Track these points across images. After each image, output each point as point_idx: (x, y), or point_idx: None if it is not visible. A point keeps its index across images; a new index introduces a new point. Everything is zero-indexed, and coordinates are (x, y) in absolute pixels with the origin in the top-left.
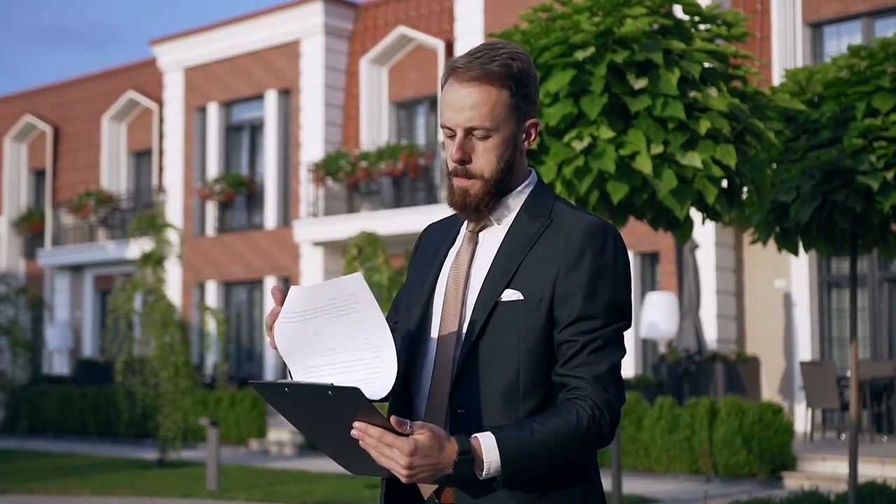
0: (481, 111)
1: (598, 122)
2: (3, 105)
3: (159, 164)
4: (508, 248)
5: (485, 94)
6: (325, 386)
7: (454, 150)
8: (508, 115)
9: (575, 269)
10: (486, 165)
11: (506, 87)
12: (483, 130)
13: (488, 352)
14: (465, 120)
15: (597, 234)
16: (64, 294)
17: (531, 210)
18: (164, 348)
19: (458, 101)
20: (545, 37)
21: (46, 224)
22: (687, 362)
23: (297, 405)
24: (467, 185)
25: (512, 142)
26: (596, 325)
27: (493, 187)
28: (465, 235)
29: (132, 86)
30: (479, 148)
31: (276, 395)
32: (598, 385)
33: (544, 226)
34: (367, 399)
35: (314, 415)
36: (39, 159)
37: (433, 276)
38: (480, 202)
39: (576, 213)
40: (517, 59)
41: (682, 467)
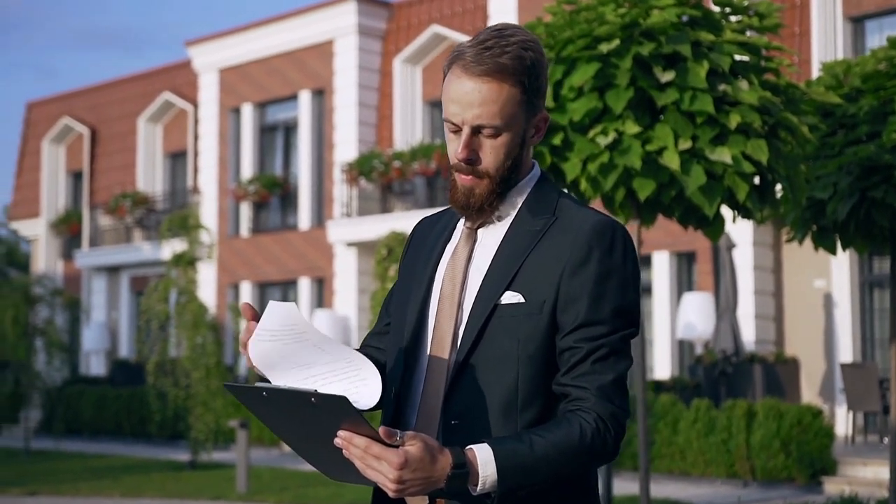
0: (491, 109)
1: (623, 117)
2: (42, 108)
3: (194, 166)
4: (509, 247)
5: (495, 91)
6: (307, 392)
7: (461, 149)
8: (518, 112)
9: (580, 270)
10: (493, 164)
11: (518, 84)
12: (492, 129)
13: (486, 358)
14: (474, 117)
15: (605, 234)
16: (101, 295)
17: (534, 206)
18: (195, 349)
19: (465, 96)
20: (569, 29)
21: (84, 226)
22: (724, 364)
23: (276, 411)
24: (473, 184)
25: (521, 138)
26: (602, 332)
27: (499, 186)
28: (463, 232)
29: (168, 87)
30: (487, 146)
31: (253, 399)
32: (602, 397)
33: (548, 224)
34: (353, 407)
35: (294, 421)
36: (77, 161)
37: (428, 275)
38: (485, 202)
39: (582, 211)
40: (529, 48)
41: (719, 471)
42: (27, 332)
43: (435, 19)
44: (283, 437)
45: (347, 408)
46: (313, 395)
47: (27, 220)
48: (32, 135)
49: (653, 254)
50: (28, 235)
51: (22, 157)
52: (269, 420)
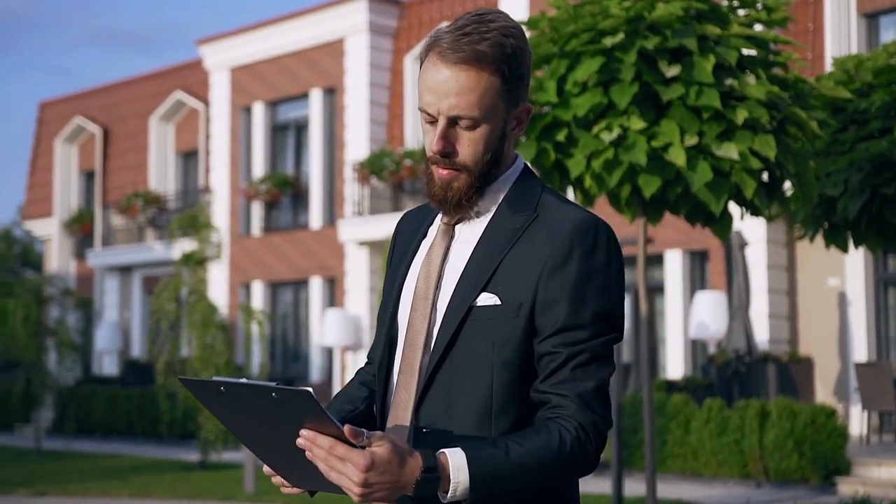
0: (468, 98)
1: (628, 113)
2: (54, 107)
3: (206, 165)
4: (487, 245)
5: (473, 80)
6: (268, 387)
7: (436, 141)
8: (498, 103)
9: (560, 271)
10: (471, 157)
11: (497, 72)
12: (469, 120)
13: (459, 363)
14: (450, 107)
15: (587, 232)
16: (113, 295)
17: (515, 202)
18: (205, 349)
19: (441, 85)
20: (573, 23)
21: (96, 225)
22: (737, 363)
23: (235, 408)
24: (451, 178)
25: (501, 130)
26: (582, 337)
27: (478, 180)
28: (440, 228)
29: (179, 86)
30: (464, 138)
31: (210, 394)
32: (583, 405)
33: (528, 220)
34: (317, 403)
35: (255, 420)
36: (89, 161)
37: (402, 273)
38: (463, 196)
39: (565, 208)
40: (511, 35)
41: (732, 472)
42: (38, 332)
43: (446, 17)
44: (243, 438)
45: (311, 404)
46: (274, 390)
47: (40, 219)
48: (45, 134)
49: (665, 252)
50: (41, 235)
51: (35, 157)
52: (228, 419)
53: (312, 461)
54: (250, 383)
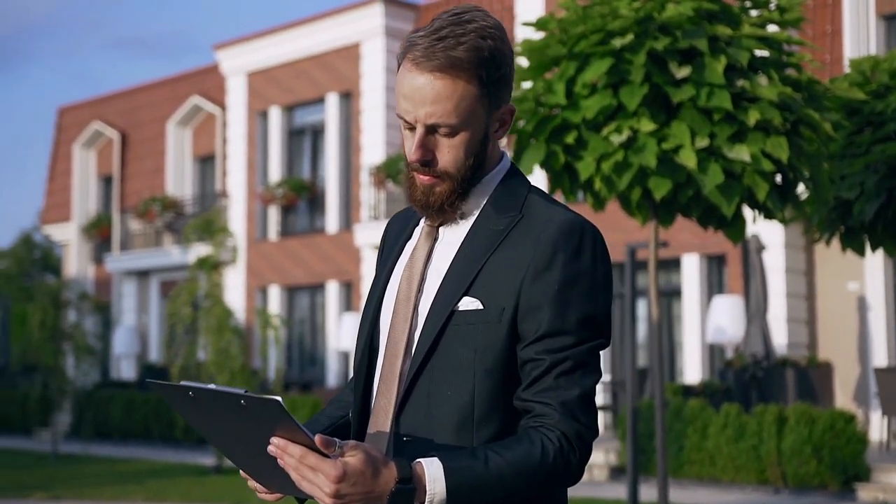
0: (445, 106)
1: (638, 114)
2: (73, 112)
3: (223, 169)
4: (470, 248)
5: (449, 87)
6: (237, 394)
7: (414, 150)
8: (478, 108)
9: (544, 275)
10: (452, 164)
11: (474, 77)
12: (448, 127)
13: (440, 369)
14: (427, 115)
15: (572, 234)
16: (131, 299)
17: (500, 203)
18: (220, 353)
19: (417, 93)
20: (582, 24)
21: (114, 230)
22: (754, 368)
23: (204, 412)
24: (432, 183)
25: (482, 134)
26: (566, 343)
27: (461, 186)
28: (423, 230)
29: (197, 91)
30: (444, 145)
31: (180, 399)
32: (567, 414)
33: (513, 222)
34: (287, 412)
35: (224, 425)
36: (107, 165)
37: (385, 276)
38: (446, 202)
39: (551, 209)
40: (488, 36)
41: (749, 477)
42: (55, 336)
43: None
44: (216, 443)
45: (280, 413)
46: (243, 398)
47: (59, 224)
48: (64, 139)
49: (682, 256)
50: (60, 240)
51: (54, 162)
52: (200, 424)
53: (284, 469)
54: (219, 390)
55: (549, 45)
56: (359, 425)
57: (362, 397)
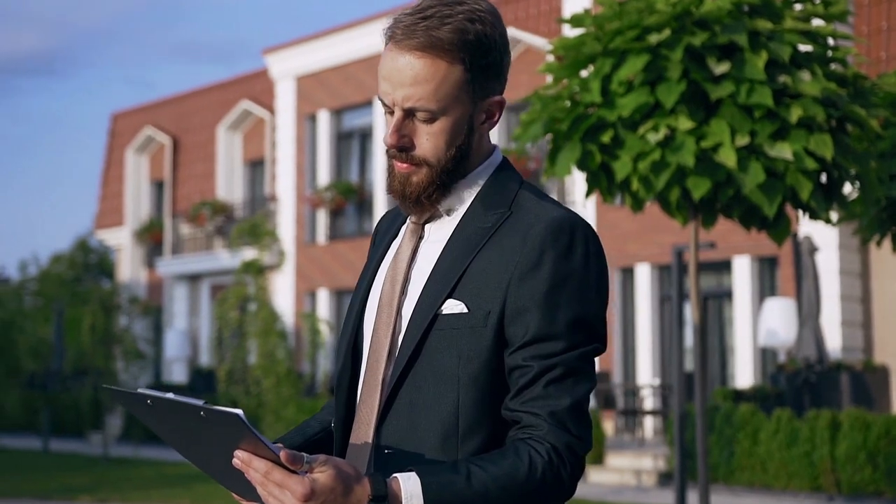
0: (424, 89)
1: (675, 112)
2: (126, 118)
3: (272, 173)
4: (455, 247)
5: (429, 68)
6: (195, 405)
7: (389, 133)
8: (461, 95)
9: (531, 275)
10: (430, 152)
11: (458, 61)
12: (426, 112)
13: (424, 377)
14: (404, 98)
15: (561, 232)
16: (182, 303)
17: (488, 199)
18: (266, 357)
19: (396, 74)
20: (617, 20)
21: (165, 234)
22: (807, 372)
23: (165, 421)
24: (408, 172)
25: (465, 125)
26: (556, 349)
27: (440, 177)
28: (408, 227)
29: (246, 96)
30: (423, 131)
31: (139, 406)
32: (557, 425)
33: (501, 219)
34: (247, 426)
35: (188, 434)
36: (159, 170)
37: (369, 277)
38: (422, 193)
39: (541, 205)
40: (477, 20)
41: (802, 484)
42: (106, 340)
43: (510, 22)
44: (182, 452)
45: (240, 427)
46: (202, 409)
47: (112, 229)
48: (117, 145)
49: (733, 258)
50: (113, 244)
51: (107, 167)
52: (163, 433)
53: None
54: (177, 400)
55: (585, 43)
56: (342, 436)
57: (345, 406)
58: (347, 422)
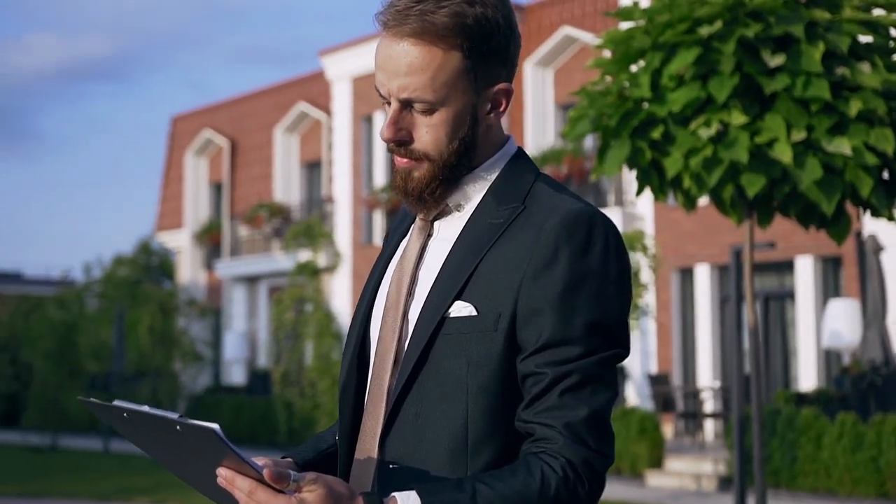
0: (420, 79)
1: (728, 107)
2: (186, 121)
3: (329, 175)
4: (464, 245)
5: (426, 56)
6: (171, 419)
7: (386, 127)
8: (461, 83)
9: (545, 274)
10: (431, 145)
11: (456, 47)
12: (424, 104)
13: (430, 386)
14: (399, 88)
15: (577, 227)
16: (240, 304)
17: (501, 192)
18: (321, 358)
19: (390, 62)
20: (667, 13)
21: (224, 236)
22: (872, 375)
23: (144, 433)
24: (409, 167)
25: (468, 115)
26: (572, 354)
27: (443, 172)
28: (416, 224)
29: (303, 97)
30: (422, 123)
31: (116, 418)
32: (573, 438)
33: (514, 214)
34: (224, 442)
35: (168, 447)
36: (218, 172)
37: (376, 278)
38: (424, 189)
39: (556, 198)
40: (477, 2)
41: (868, 490)
42: (164, 342)
43: (566, 20)
44: (164, 463)
45: (216, 443)
46: (177, 423)
47: (172, 231)
48: (177, 147)
49: (795, 258)
50: (173, 247)
51: (167, 170)
52: (142, 444)
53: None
54: (153, 413)
55: (634, 36)
56: (347, 450)
57: (351, 418)
58: (353, 435)
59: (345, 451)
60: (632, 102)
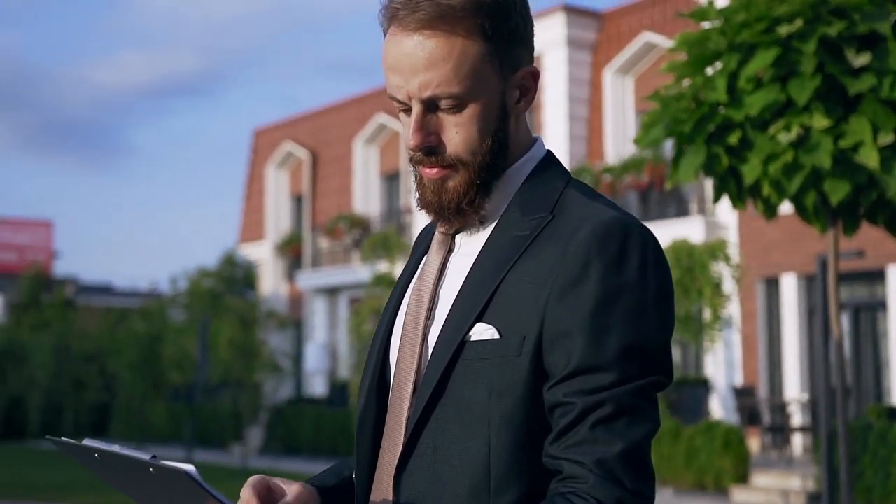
0: (442, 71)
1: (810, 109)
2: (267, 134)
3: (408, 186)
4: (486, 261)
5: (444, 45)
6: (143, 461)
7: (412, 133)
8: (487, 70)
9: (574, 291)
10: (464, 147)
11: (476, 29)
12: (451, 99)
13: (449, 417)
14: (421, 86)
15: (610, 238)
16: (322, 316)
17: (528, 201)
18: None
19: (405, 60)
20: (745, 12)
21: (304, 248)
22: None
23: (118, 473)
24: (442, 176)
25: (498, 107)
26: (605, 382)
27: (480, 175)
28: (435, 239)
29: (382, 109)
30: (450, 123)
31: (86, 458)
32: (605, 476)
33: (541, 225)
34: (200, 484)
35: (141, 486)
36: (299, 184)
37: (395, 299)
38: (462, 199)
39: (589, 206)
40: None
41: None
42: (244, 354)
43: (646, 26)
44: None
45: (190, 485)
46: (151, 465)
47: (254, 243)
48: (258, 160)
49: (887, 267)
50: (255, 259)
51: (250, 183)
52: (114, 482)
53: None
54: (124, 454)
55: (709, 38)
56: (364, 489)
57: (370, 454)
58: (371, 472)
59: (362, 490)
60: (707, 107)
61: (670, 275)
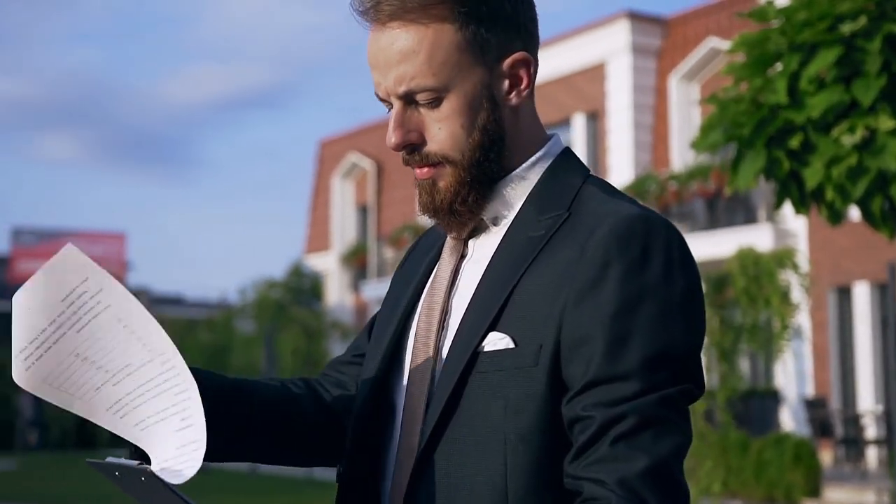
0: (415, 63)
1: (875, 110)
2: (333, 145)
3: None
4: (499, 265)
5: (415, 36)
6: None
7: (391, 132)
8: (465, 59)
9: (592, 294)
10: (448, 143)
11: (446, 17)
12: (428, 93)
13: (461, 434)
14: (396, 80)
15: (632, 237)
16: None
17: (543, 199)
18: None
19: (380, 56)
20: (805, 10)
21: (370, 258)
22: None
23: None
24: (431, 175)
25: (482, 98)
26: (627, 393)
27: (470, 173)
28: (447, 244)
29: None
30: (431, 119)
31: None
32: (627, 496)
33: (557, 224)
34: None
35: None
36: (364, 195)
37: (404, 307)
38: (454, 199)
39: (609, 203)
40: None
41: None
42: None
43: (712, 31)
44: None
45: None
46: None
47: (320, 253)
48: (324, 171)
49: None
50: (321, 269)
51: (315, 194)
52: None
53: None
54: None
55: (769, 38)
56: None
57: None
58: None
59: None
60: (767, 109)
61: (698, 274)
